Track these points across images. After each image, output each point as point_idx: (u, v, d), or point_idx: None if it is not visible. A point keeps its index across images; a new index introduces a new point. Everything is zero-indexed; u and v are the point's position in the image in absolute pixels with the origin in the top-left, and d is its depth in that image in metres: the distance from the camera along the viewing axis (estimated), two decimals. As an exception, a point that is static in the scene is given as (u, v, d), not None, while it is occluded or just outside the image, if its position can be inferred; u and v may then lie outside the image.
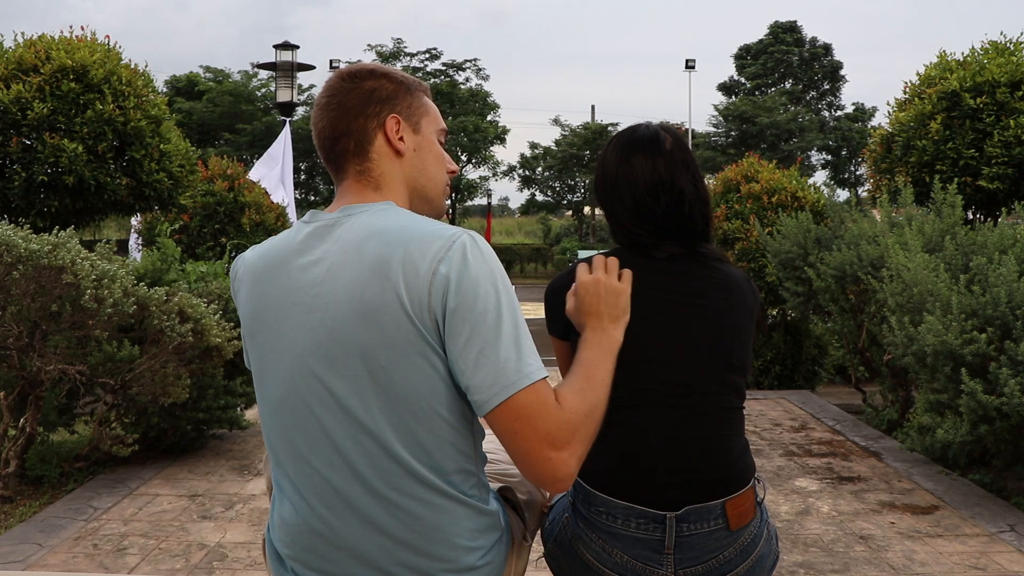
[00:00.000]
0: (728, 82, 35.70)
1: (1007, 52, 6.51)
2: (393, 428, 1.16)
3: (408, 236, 1.16)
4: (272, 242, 1.31)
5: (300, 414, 1.20)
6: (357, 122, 1.29)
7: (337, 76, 1.34)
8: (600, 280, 1.40)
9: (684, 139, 1.55)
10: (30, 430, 4.03)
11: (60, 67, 5.52)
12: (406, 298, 1.12)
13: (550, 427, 1.13)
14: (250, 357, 1.31)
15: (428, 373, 1.14)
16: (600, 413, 1.24)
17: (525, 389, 1.12)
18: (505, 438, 1.14)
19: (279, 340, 1.22)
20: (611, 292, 1.39)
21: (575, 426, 1.16)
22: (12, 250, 3.69)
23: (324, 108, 1.32)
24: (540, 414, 1.13)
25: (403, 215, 1.23)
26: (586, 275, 1.41)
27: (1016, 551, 3.39)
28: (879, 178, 7.09)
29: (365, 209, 1.24)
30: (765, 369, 7.18)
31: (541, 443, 1.12)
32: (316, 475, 1.20)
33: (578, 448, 1.16)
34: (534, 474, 1.15)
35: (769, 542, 1.47)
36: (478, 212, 40.34)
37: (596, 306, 1.38)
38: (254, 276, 1.28)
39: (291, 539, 1.25)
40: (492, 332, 1.12)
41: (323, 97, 1.33)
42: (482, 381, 1.12)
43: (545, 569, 1.60)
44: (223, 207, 7.74)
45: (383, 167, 1.30)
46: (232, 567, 3.22)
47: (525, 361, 1.14)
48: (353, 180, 1.30)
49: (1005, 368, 3.62)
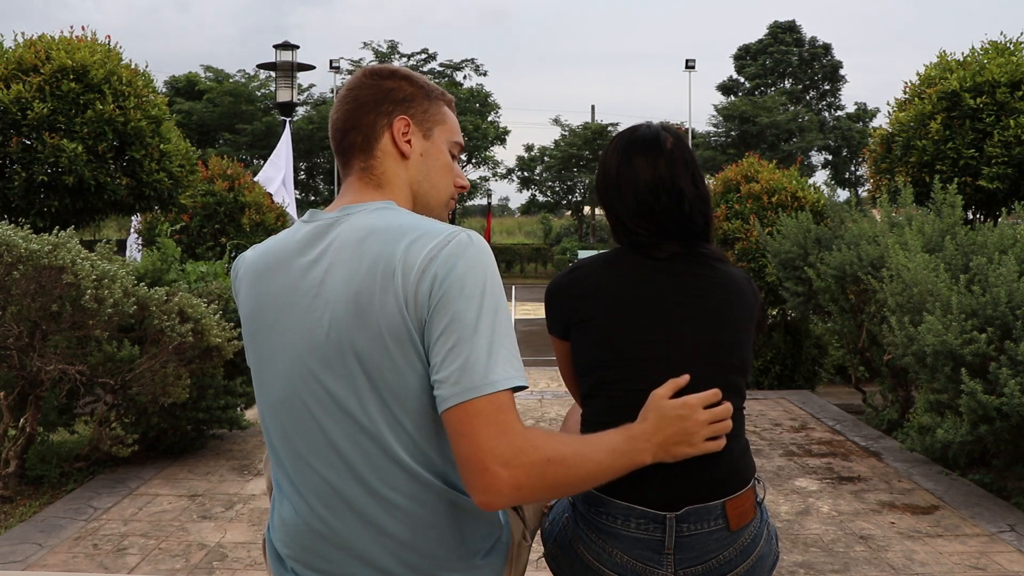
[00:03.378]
0: (728, 82, 35.73)
1: (1007, 52, 6.52)
2: (390, 428, 1.15)
3: (405, 234, 1.15)
4: (272, 241, 1.30)
5: (299, 414, 1.20)
6: (368, 118, 1.30)
7: (362, 72, 1.36)
8: (699, 421, 1.33)
9: (685, 139, 1.55)
10: (30, 430, 4.03)
11: (60, 67, 5.52)
12: (403, 297, 1.12)
13: (498, 442, 1.08)
14: (249, 358, 1.31)
15: (422, 372, 1.14)
16: (567, 474, 1.14)
17: (485, 396, 1.08)
18: (453, 439, 1.11)
19: (278, 340, 1.22)
20: (688, 438, 1.32)
21: (527, 456, 1.09)
22: (12, 250, 3.69)
23: (342, 101, 1.34)
24: (492, 426, 1.08)
25: (402, 214, 1.22)
26: (701, 403, 1.34)
27: (1016, 551, 3.39)
28: (879, 178, 7.09)
29: (364, 208, 1.23)
30: (765, 369, 7.18)
31: (484, 452, 1.08)
32: (315, 475, 1.20)
33: (520, 476, 1.08)
34: (468, 479, 1.10)
35: (769, 542, 1.47)
36: (478, 212, 40.32)
37: (668, 428, 1.31)
38: (254, 276, 1.28)
39: (291, 539, 1.25)
40: (468, 330, 1.10)
41: (344, 90, 1.35)
42: (445, 377, 1.09)
43: (545, 569, 1.60)
44: (223, 207, 7.75)
45: (387, 166, 1.30)
46: (232, 567, 3.22)
47: (493, 367, 1.09)
48: (356, 177, 1.30)
49: (1005, 368, 3.62)
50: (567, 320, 1.49)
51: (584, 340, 1.45)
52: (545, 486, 1.12)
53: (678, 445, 1.31)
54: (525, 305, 17.32)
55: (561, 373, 1.60)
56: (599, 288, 1.45)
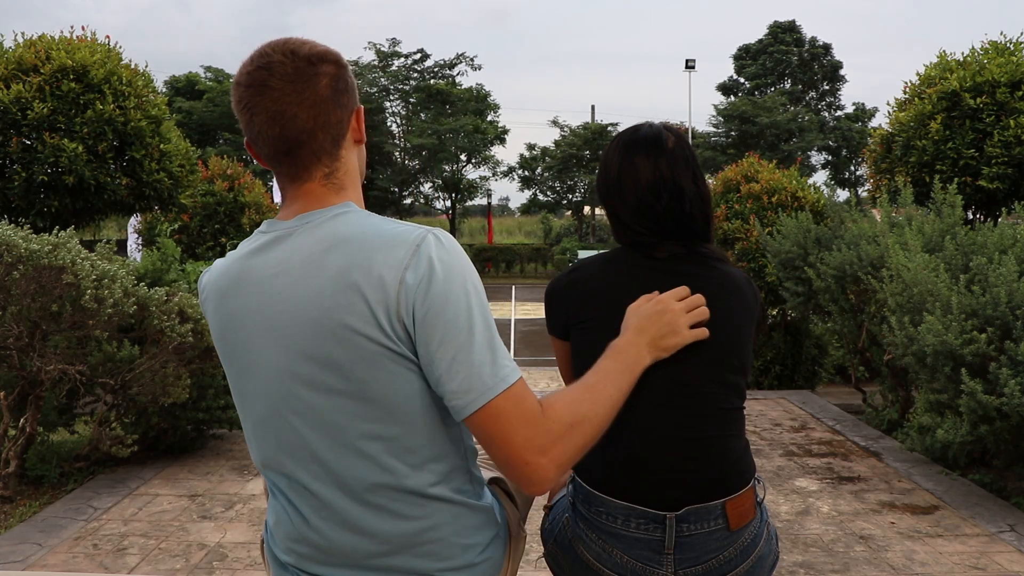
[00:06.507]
0: (728, 82, 35.73)
1: (1007, 52, 6.52)
2: (379, 438, 1.14)
3: (370, 244, 1.11)
4: (232, 257, 1.24)
5: (283, 430, 1.18)
6: (334, 115, 1.17)
7: (285, 54, 1.15)
8: (675, 309, 1.36)
9: (686, 138, 1.55)
10: (30, 430, 4.03)
11: (60, 67, 5.52)
12: (376, 310, 1.09)
13: (528, 432, 1.10)
14: (227, 375, 1.28)
15: (408, 379, 1.12)
16: (592, 426, 1.18)
17: (502, 394, 1.09)
18: (484, 442, 1.12)
19: (252, 359, 1.19)
20: (672, 326, 1.35)
21: (556, 434, 1.11)
22: (12, 250, 3.69)
23: (285, 93, 1.14)
24: (518, 419, 1.10)
25: (362, 219, 1.16)
26: (672, 297, 1.38)
27: (1016, 551, 3.39)
28: (879, 178, 7.10)
29: (322, 215, 1.17)
30: (765, 369, 7.18)
31: (519, 447, 1.10)
32: (305, 491, 1.19)
33: (558, 456, 1.11)
34: (512, 476, 1.13)
35: (769, 542, 1.47)
36: (478, 212, 40.33)
37: (650, 324, 1.34)
38: (218, 296, 1.23)
39: (287, 547, 1.25)
40: (465, 337, 1.09)
41: (278, 79, 1.13)
42: (458, 387, 1.09)
43: (545, 569, 1.60)
44: (223, 207, 7.75)
45: (348, 163, 1.23)
46: (232, 567, 3.22)
47: (500, 364, 1.10)
48: (318, 183, 1.19)
49: (1005, 368, 3.62)
50: (567, 320, 1.49)
51: (584, 340, 1.45)
52: (580, 447, 1.15)
53: (665, 338, 1.34)
54: (525, 305, 17.31)
55: (561, 373, 1.60)
56: (599, 288, 1.45)
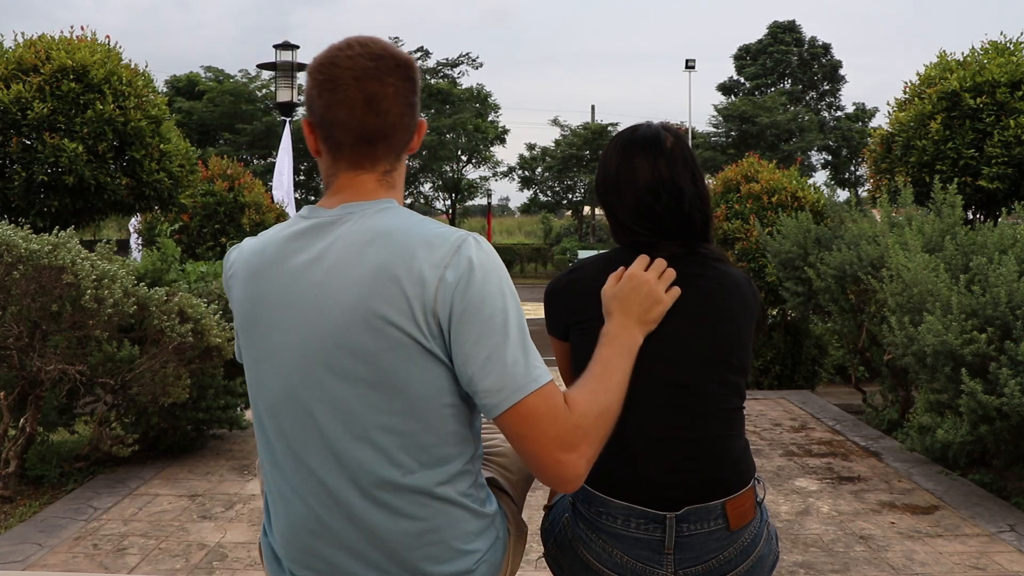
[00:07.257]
0: (728, 82, 35.73)
1: (1007, 52, 6.52)
2: (394, 431, 1.15)
3: (413, 241, 1.14)
4: (267, 237, 1.25)
5: (298, 415, 1.19)
6: (414, 120, 1.25)
7: (385, 49, 1.21)
8: (649, 281, 1.38)
9: (685, 139, 1.55)
10: (30, 430, 4.03)
11: (60, 67, 5.52)
12: (413, 304, 1.11)
13: (559, 430, 1.13)
14: (244, 356, 1.28)
15: (433, 375, 1.14)
16: (612, 416, 1.23)
17: (534, 393, 1.12)
18: (514, 441, 1.15)
19: (277, 340, 1.20)
20: (652, 297, 1.38)
21: (584, 429, 1.16)
22: (12, 250, 3.69)
23: (386, 85, 1.19)
24: (549, 417, 1.13)
25: (404, 216, 1.20)
26: (640, 269, 1.40)
27: (1016, 551, 3.39)
28: (879, 178, 7.09)
29: (366, 208, 1.20)
30: (765, 369, 7.18)
31: (550, 446, 1.13)
32: (312, 477, 1.19)
33: (587, 450, 1.16)
34: (544, 475, 1.16)
35: (769, 542, 1.47)
36: (478, 212, 40.31)
37: (632, 303, 1.37)
38: (249, 273, 1.24)
39: (287, 540, 1.24)
40: (500, 336, 1.12)
41: (384, 72, 1.19)
42: (491, 385, 1.12)
43: (545, 569, 1.60)
44: (223, 207, 7.75)
45: (402, 167, 1.29)
46: (232, 567, 3.22)
47: (532, 364, 1.14)
48: (376, 177, 1.24)
49: (1005, 368, 3.62)
50: (566, 321, 1.49)
51: (583, 340, 1.45)
52: (603, 439, 1.21)
53: (650, 310, 1.38)
54: (525, 305, 17.19)
55: (560, 373, 1.60)
56: (598, 289, 1.45)
